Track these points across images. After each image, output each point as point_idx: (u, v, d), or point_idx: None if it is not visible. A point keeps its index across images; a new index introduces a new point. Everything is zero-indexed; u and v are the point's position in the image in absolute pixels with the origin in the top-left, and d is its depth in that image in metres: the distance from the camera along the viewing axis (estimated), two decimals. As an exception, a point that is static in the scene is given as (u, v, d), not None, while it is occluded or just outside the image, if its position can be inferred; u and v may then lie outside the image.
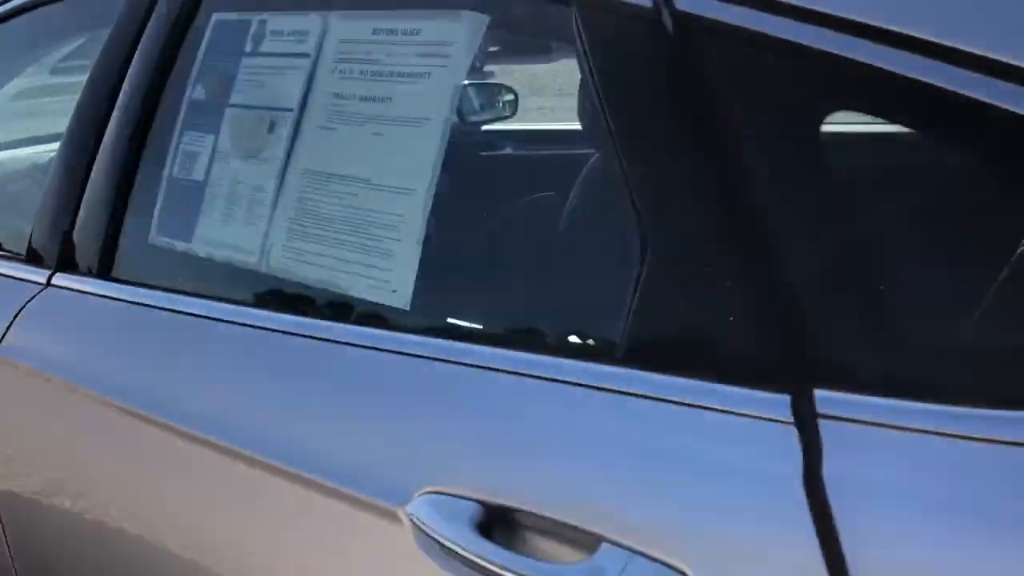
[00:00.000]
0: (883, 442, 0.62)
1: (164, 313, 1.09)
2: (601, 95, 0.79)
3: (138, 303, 1.13)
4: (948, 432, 0.60)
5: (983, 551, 0.57)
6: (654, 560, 0.67)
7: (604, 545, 0.69)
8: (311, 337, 0.94)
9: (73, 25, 1.55)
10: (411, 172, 0.92)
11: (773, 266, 0.69)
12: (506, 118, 2.70)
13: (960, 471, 0.59)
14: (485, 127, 2.34)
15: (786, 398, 0.66)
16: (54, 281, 1.26)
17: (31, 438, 1.24)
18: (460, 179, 0.94)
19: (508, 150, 2.18)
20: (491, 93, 2.73)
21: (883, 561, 0.60)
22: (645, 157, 0.77)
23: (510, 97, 2.81)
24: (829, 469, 0.62)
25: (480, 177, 1.15)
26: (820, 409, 0.64)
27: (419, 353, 0.86)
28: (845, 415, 0.63)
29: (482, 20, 0.93)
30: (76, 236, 1.26)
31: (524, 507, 0.74)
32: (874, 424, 0.62)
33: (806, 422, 0.64)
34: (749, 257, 0.70)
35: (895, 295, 0.68)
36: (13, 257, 1.38)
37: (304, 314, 0.97)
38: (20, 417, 1.25)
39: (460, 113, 2.44)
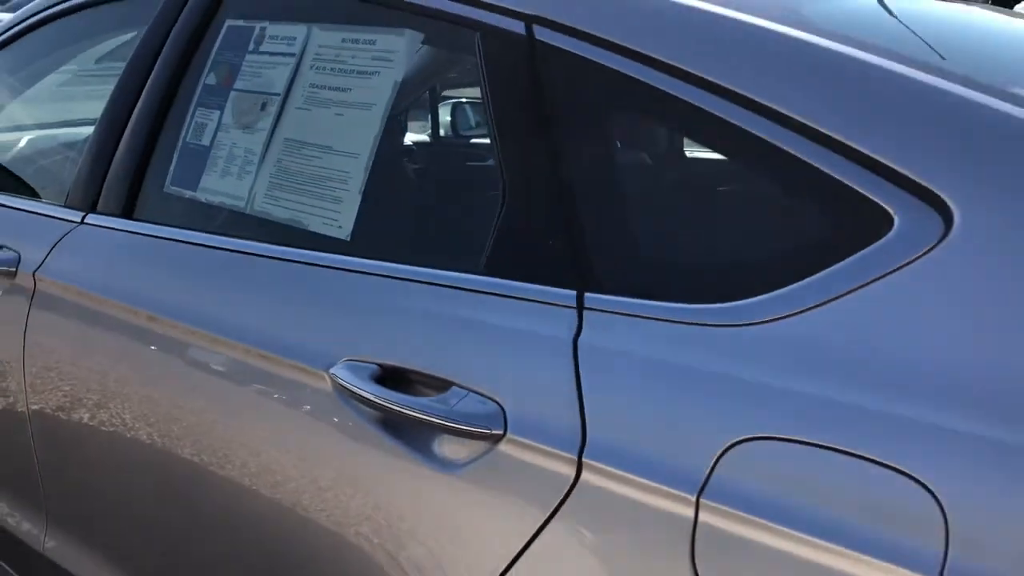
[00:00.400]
0: (622, 324, 0.95)
1: (173, 243, 1.44)
2: (487, 92, 1.14)
3: (152, 236, 1.48)
4: (661, 318, 0.94)
5: (680, 392, 0.90)
6: (481, 395, 1.00)
7: (453, 387, 1.03)
8: (279, 259, 1.28)
9: (118, 23, 1.90)
10: (358, 142, 1.27)
11: (573, 216, 1.03)
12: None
13: (647, 342, 0.93)
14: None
15: (573, 293, 1.00)
16: (87, 220, 1.61)
17: (60, 340, 1.58)
18: (392, 149, 1.28)
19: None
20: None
21: (613, 392, 0.93)
22: (508, 137, 1.11)
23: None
24: (589, 336, 0.96)
25: (404, 151, 1.49)
26: (587, 304, 0.98)
27: (353, 269, 1.20)
28: (602, 308, 0.97)
29: (418, 36, 1.28)
30: (106, 186, 1.60)
31: (406, 366, 1.07)
32: (618, 313, 0.96)
33: (583, 315, 0.98)
34: (563, 210, 1.04)
35: (636, 239, 1.02)
36: (54, 204, 1.73)
37: (275, 242, 1.31)
38: (52, 326, 1.59)
39: (455, 127, 2.81)
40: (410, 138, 1.44)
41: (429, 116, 2.60)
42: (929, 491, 0.75)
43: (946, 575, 0.73)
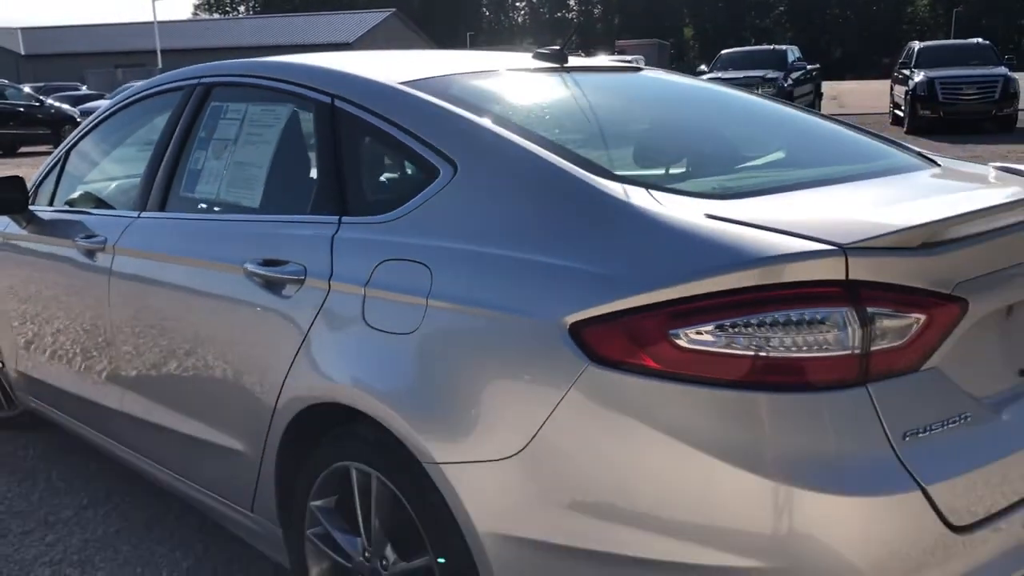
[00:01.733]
0: (361, 229, 2.18)
1: (183, 220, 2.74)
2: (315, 130, 2.41)
3: (172, 218, 2.79)
4: (365, 223, 2.17)
5: (362, 249, 2.13)
6: (299, 264, 2.25)
7: (290, 263, 2.28)
8: (229, 220, 2.57)
9: (162, 107, 3.23)
10: (263, 159, 2.56)
11: (341, 186, 2.29)
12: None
13: (358, 232, 2.16)
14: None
15: (337, 217, 2.25)
16: (141, 216, 2.93)
17: (126, 276, 2.88)
18: (275, 161, 2.57)
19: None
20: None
21: (342, 253, 2.17)
22: (320, 151, 2.38)
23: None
24: (340, 234, 2.21)
25: (280, 162, 2.74)
26: (342, 221, 2.23)
27: (258, 220, 2.47)
28: (351, 222, 2.21)
29: (295, 108, 2.57)
30: (151, 196, 2.92)
31: (272, 257, 2.33)
32: (360, 224, 2.19)
33: (340, 232, 2.22)
34: (336, 184, 2.30)
35: (361, 196, 2.28)
36: (124, 210, 3.06)
37: (227, 212, 2.59)
38: (123, 270, 2.90)
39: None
40: (282, 154, 2.69)
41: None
42: (427, 268, 1.97)
43: (430, 296, 1.94)
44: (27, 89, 24.79)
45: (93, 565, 2.99)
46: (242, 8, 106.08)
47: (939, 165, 2.46)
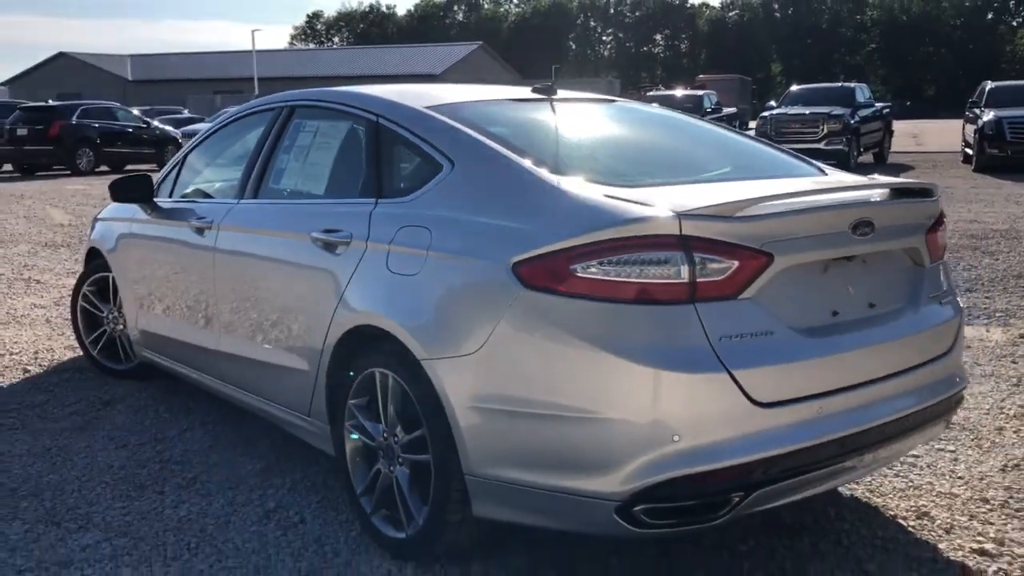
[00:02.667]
0: (390, 206, 3.13)
1: (271, 205, 3.74)
2: (364, 143, 3.37)
3: (263, 203, 3.78)
4: (395, 201, 3.11)
5: (390, 220, 3.07)
6: (346, 230, 3.19)
7: (340, 231, 3.23)
8: (301, 204, 3.55)
9: (256, 124, 4.23)
10: (327, 161, 3.54)
11: (378, 179, 3.24)
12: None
13: (390, 208, 3.09)
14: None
15: (374, 199, 3.19)
16: (240, 202, 3.93)
17: (229, 246, 3.87)
18: (337, 162, 3.55)
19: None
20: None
21: (378, 223, 3.11)
22: (368, 153, 3.34)
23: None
24: (376, 210, 3.15)
25: (341, 161, 3.70)
26: (379, 202, 3.17)
27: (321, 203, 3.44)
28: (384, 202, 3.15)
29: (351, 124, 3.53)
30: (247, 187, 3.92)
31: (330, 227, 3.28)
32: (390, 203, 3.14)
33: (376, 209, 3.16)
34: (377, 176, 3.24)
35: (394, 184, 3.22)
36: (227, 198, 4.07)
37: (301, 199, 3.58)
38: (226, 241, 3.89)
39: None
40: (341, 156, 3.63)
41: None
42: (429, 231, 2.88)
43: (430, 249, 2.85)
44: (135, 112, 26.62)
45: (191, 464, 3.97)
46: (336, 39, 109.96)
47: (825, 173, 3.29)
